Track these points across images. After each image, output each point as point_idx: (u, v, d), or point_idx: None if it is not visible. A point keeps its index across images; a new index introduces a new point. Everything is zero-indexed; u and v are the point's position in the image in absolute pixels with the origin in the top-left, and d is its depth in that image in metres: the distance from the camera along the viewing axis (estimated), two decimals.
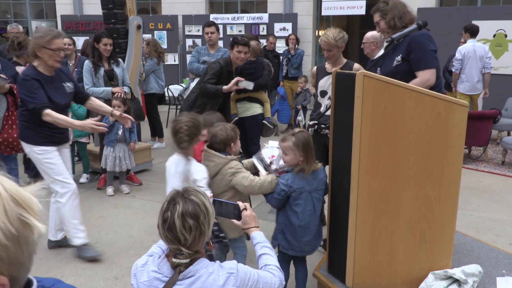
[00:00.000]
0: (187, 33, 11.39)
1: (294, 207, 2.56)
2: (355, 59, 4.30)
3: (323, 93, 3.57)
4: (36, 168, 4.88)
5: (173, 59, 11.52)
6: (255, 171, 2.75)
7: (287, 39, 8.19)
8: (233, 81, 4.17)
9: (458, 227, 3.20)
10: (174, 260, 1.47)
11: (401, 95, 2.29)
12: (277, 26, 10.72)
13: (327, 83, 3.49)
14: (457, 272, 2.44)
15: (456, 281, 2.44)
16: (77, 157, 5.65)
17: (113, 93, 4.84)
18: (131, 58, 5.76)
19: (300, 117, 7.50)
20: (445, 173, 2.43)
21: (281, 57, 8.21)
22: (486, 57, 6.66)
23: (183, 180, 2.69)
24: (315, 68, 3.79)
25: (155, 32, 11.41)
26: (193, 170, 2.65)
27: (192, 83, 5.87)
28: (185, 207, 1.45)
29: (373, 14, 3.14)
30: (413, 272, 2.53)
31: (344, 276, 2.53)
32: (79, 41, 8.80)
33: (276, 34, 10.24)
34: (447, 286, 2.42)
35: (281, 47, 9.63)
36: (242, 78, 4.23)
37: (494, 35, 8.32)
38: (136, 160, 5.40)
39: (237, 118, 4.73)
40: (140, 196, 4.88)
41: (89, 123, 3.11)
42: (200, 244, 1.49)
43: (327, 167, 2.72)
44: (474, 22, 7.26)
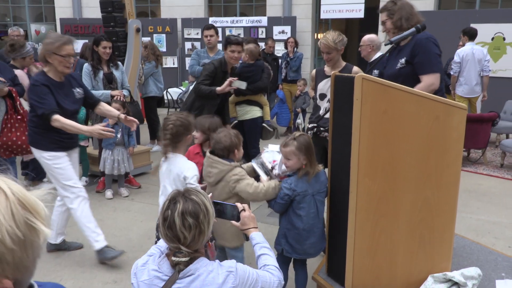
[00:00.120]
0: (186, 36, 11.41)
1: (298, 210, 2.55)
2: (354, 62, 4.30)
3: (322, 96, 3.57)
4: (34, 171, 4.91)
5: (172, 62, 11.54)
6: (255, 175, 2.74)
7: (286, 42, 8.20)
8: (226, 82, 4.16)
9: (457, 230, 3.19)
10: (173, 258, 1.49)
11: (400, 98, 2.29)
12: (276, 29, 10.74)
13: (326, 86, 3.50)
14: (456, 275, 2.44)
15: (456, 284, 2.44)
16: None
17: (112, 96, 4.84)
18: (130, 61, 5.76)
19: (300, 120, 7.50)
20: (444, 176, 2.43)
21: (280, 60, 8.22)
22: (485, 60, 6.67)
23: (174, 178, 2.69)
24: (314, 71, 3.80)
25: (154, 35, 11.43)
26: (183, 167, 2.64)
27: (191, 86, 5.87)
28: (185, 206, 1.48)
29: (380, 13, 3.14)
30: (413, 275, 2.53)
31: (343, 279, 2.52)
32: (78, 44, 8.79)
33: (275, 37, 10.27)
34: None
35: (280, 50, 9.65)
36: (235, 78, 4.22)
37: (492, 38, 8.34)
38: (135, 163, 5.39)
39: (236, 121, 4.73)
40: (139, 199, 4.87)
41: (97, 129, 3.08)
42: (200, 243, 1.51)
43: (326, 170, 2.73)
44: (472, 25, 7.28)
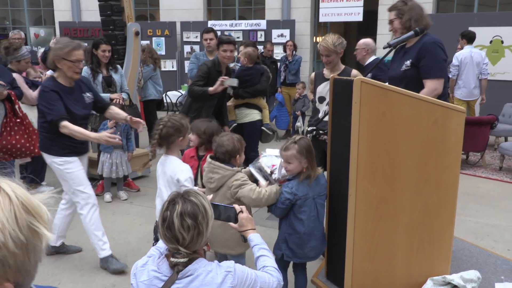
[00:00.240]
0: (185, 39, 11.43)
1: (299, 214, 2.53)
2: (352, 65, 4.31)
3: (321, 99, 3.58)
4: (33, 174, 4.90)
5: (171, 65, 11.55)
6: (252, 180, 2.71)
7: (284, 45, 8.22)
8: (218, 82, 4.13)
9: (456, 233, 3.19)
10: (172, 259, 1.50)
11: (399, 101, 2.30)
12: (275, 32, 10.76)
13: (325, 89, 3.50)
14: (455, 278, 2.44)
15: (455, 287, 2.44)
16: None
17: (111, 99, 4.84)
18: (129, 65, 5.76)
19: (299, 123, 7.50)
20: (443, 179, 2.44)
21: (278, 63, 8.24)
22: (483, 63, 6.69)
23: (168, 180, 2.67)
24: (313, 74, 3.81)
25: (153, 38, 11.45)
26: (176, 170, 2.62)
27: None
28: (184, 207, 1.49)
29: (389, 11, 3.10)
30: (412, 278, 2.52)
31: (342, 282, 2.52)
32: None
33: (274, 41, 10.29)
34: None
35: (279, 53, 9.66)
36: (226, 77, 4.18)
37: (490, 41, 8.37)
38: (134, 166, 5.38)
39: (235, 124, 4.73)
40: (138, 202, 4.87)
41: (104, 136, 3.05)
42: (198, 244, 1.52)
43: (325, 173, 2.73)
44: (470, 28, 7.31)
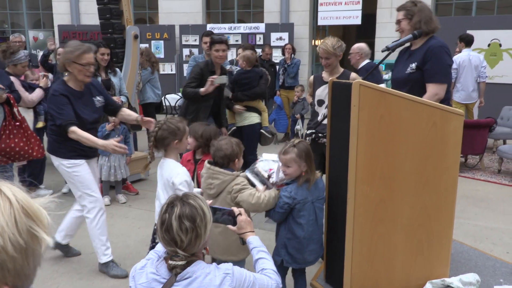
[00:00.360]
0: (184, 42, 11.44)
1: (298, 219, 2.52)
2: (351, 69, 4.32)
3: (320, 102, 3.58)
4: (30, 177, 4.89)
5: (170, 68, 11.56)
6: (249, 184, 2.68)
7: (283, 48, 8.24)
8: (208, 82, 4.13)
9: (455, 236, 3.19)
10: (170, 262, 1.51)
11: (397, 104, 2.30)
12: (274, 35, 10.78)
13: (324, 92, 3.51)
14: (454, 281, 2.44)
15: None
16: None
17: None
18: (128, 68, 5.76)
19: (299, 126, 7.51)
20: (442, 182, 2.44)
21: (277, 67, 8.25)
22: (481, 66, 6.71)
23: (164, 183, 2.66)
24: (312, 77, 3.82)
25: (152, 41, 11.46)
26: (172, 173, 2.60)
27: None
28: (182, 210, 1.50)
29: (397, 11, 3.08)
30: (411, 281, 2.52)
31: (341, 286, 2.51)
32: None
33: (273, 44, 10.31)
34: None
35: (277, 56, 9.68)
36: (215, 76, 4.16)
37: (488, 45, 8.40)
38: (133, 169, 5.38)
39: (234, 127, 4.73)
40: (137, 205, 4.86)
41: (111, 144, 3.00)
42: (196, 247, 1.52)
43: (324, 176, 2.72)
44: (468, 31, 7.32)
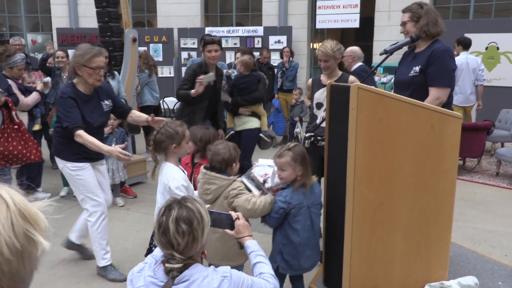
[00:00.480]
0: (182, 46, 11.46)
1: (294, 224, 2.48)
2: (346, 72, 4.33)
3: (319, 105, 3.59)
4: (28, 180, 4.88)
5: (168, 71, 11.57)
6: (246, 188, 2.66)
7: (281, 52, 8.24)
8: (196, 84, 4.14)
9: (454, 239, 3.20)
10: (167, 265, 1.50)
11: (396, 107, 2.31)
12: (272, 39, 10.80)
13: (322, 95, 3.51)
14: (453, 284, 2.44)
15: None
16: None
17: None
18: (127, 71, 5.76)
19: (298, 129, 7.48)
20: (440, 184, 2.44)
21: (275, 70, 8.26)
22: (479, 70, 6.73)
23: (162, 187, 2.64)
24: (310, 80, 3.82)
25: (151, 45, 11.47)
26: (169, 177, 2.58)
27: None
28: (179, 213, 1.50)
29: (403, 13, 3.07)
30: (409, 284, 2.52)
31: None
32: None
33: (271, 47, 10.33)
34: None
35: (276, 59, 9.69)
36: (202, 76, 4.14)
37: (486, 48, 8.42)
38: (131, 172, 5.38)
39: (233, 132, 4.71)
40: (135, 209, 4.85)
41: (115, 151, 2.96)
42: (193, 250, 1.52)
43: (322, 180, 2.72)
44: (466, 35, 7.35)
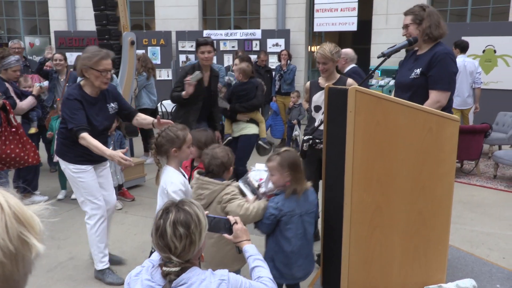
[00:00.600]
0: (180, 49, 11.47)
1: (285, 232, 2.42)
2: (341, 74, 4.35)
3: (317, 108, 3.59)
4: (24, 183, 4.86)
5: (166, 74, 11.57)
6: (241, 193, 2.62)
7: (279, 55, 8.25)
8: (185, 85, 4.16)
9: (452, 241, 3.20)
10: (164, 269, 1.50)
11: (393, 110, 2.31)
12: (270, 42, 10.83)
13: (320, 98, 3.51)
14: (451, 287, 2.44)
15: None
16: None
17: None
18: (125, 74, 5.77)
19: (297, 132, 7.46)
20: (438, 187, 2.45)
21: (273, 73, 8.27)
22: (476, 72, 6.75)
23: (161, 190, 2.61)
24: (308, 83, 3.82)
25: (149, 48, 11.47)
26: (167, 181, 2.55)
27: None
28: (177, 216, 1.49)
29: (404, 15, 3.06)
30: (408, 287, 2.52)
31: None
32: (73, 57, 8.84)
33: (269, 50, 10.35)
34: None
35: (273, 62, 9.71)
36: (189, 77, 4.15)
37: (483, 51, 8.45)
38: (129, 175, 5.37)
39: (230, 137, 4.69)
40: (133, 212, 4.84)
41: (117, 156, 2.93)
42: (191, 253, 1.51)
43: (320, 182, 2.72)
44: (463, 38, 7.37)
